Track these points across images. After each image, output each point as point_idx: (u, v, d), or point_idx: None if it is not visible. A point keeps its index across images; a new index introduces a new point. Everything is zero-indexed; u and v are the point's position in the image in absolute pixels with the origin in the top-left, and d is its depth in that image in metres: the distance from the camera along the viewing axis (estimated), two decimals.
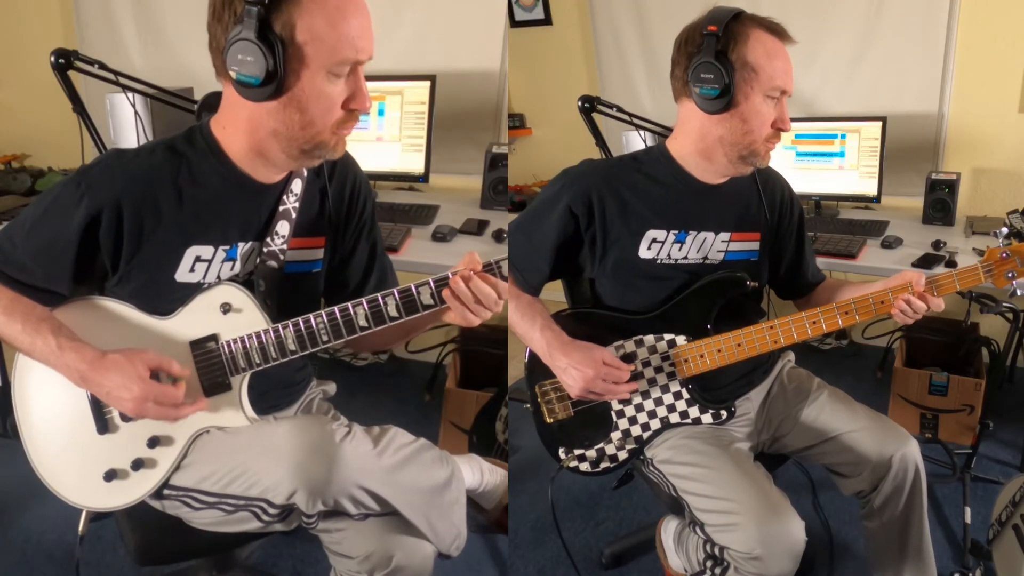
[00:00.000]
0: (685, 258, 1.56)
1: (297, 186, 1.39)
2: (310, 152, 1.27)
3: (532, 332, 1.52)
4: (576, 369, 1.47)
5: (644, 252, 1.53)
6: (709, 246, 1.57)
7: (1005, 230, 1.45)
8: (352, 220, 1.48)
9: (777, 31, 1.45)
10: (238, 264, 1.35)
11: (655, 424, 1.56)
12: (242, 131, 1.28)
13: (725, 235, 1.57)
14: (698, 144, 1.51)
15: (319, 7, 1.17)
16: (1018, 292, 1.44)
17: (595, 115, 2.28)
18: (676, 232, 1.54)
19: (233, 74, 1.18)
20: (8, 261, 1.30)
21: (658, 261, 1.54)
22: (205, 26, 1.23)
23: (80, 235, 1.25)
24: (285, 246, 1.38)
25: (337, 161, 1.44)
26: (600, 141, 2.40)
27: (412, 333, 1.49)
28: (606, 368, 1.47)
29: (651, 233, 1.53)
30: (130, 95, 2.02)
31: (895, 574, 1.63)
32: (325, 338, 1.29)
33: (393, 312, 1.27)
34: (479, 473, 1.74)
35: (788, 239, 1.67)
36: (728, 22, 1.42)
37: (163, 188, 1.28)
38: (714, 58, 1.41)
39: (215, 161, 1.31)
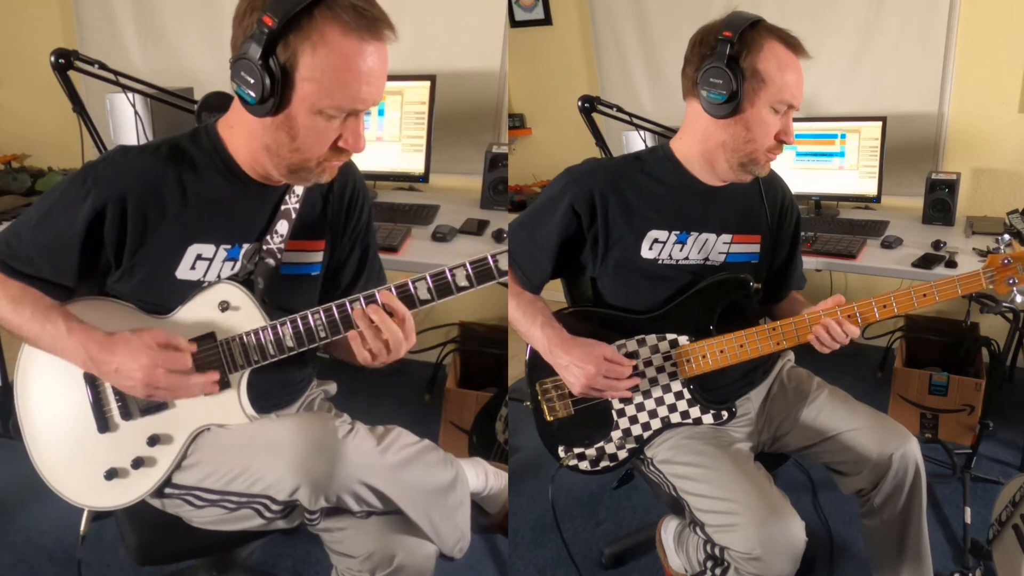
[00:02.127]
0: (686, 259, 1.56)
1: (299, 188, 1.39)
2: (297, 173, 1.28)
3: (533, 330, 1.52)
4: (577, 366, 1.47)
5: (646, 252, 1.53)
6: (711, 247, 1.57)
7: (1007, 237, 1.45)
8: (350, 224, 1.49)
9: (793, 44, 1.44)
10: (239, 264, 1.36)
11: (656, 424, 1.56)
12: (244, 135, 1.29)
13: (727, 237, 1.57)
14: (702, 146, 1.52)
15: (327, 51, 1.16)
16: (1019, 299, 1.43)
17: (595, 115, 2.28)
18: (678, 233, 1.54)
19: (234, 86, 1.19)
20: (15, 255, 1.31)
21: (660, 261, 1.54)
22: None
23: (85, 229, 1.26)
24: (283, 245, 1.38)
25: None
26: (600, 141, 2.40)
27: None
28: (607, 364, 1.47)
29: (653, 233, 1.53)
30: (130, 95, 2.03)
31: (893, 572, 1.64)
32: (323, 335, 1.29)
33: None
34: (484, 477, 1.74)
35: (783, 243, 1.68)
36: (744, 29, 1.41)
37: (167, 185, 1.29)
38: (725, 64, 1.40)
39: (219, 161, 1.32)
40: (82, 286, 1.34)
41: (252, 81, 1.16)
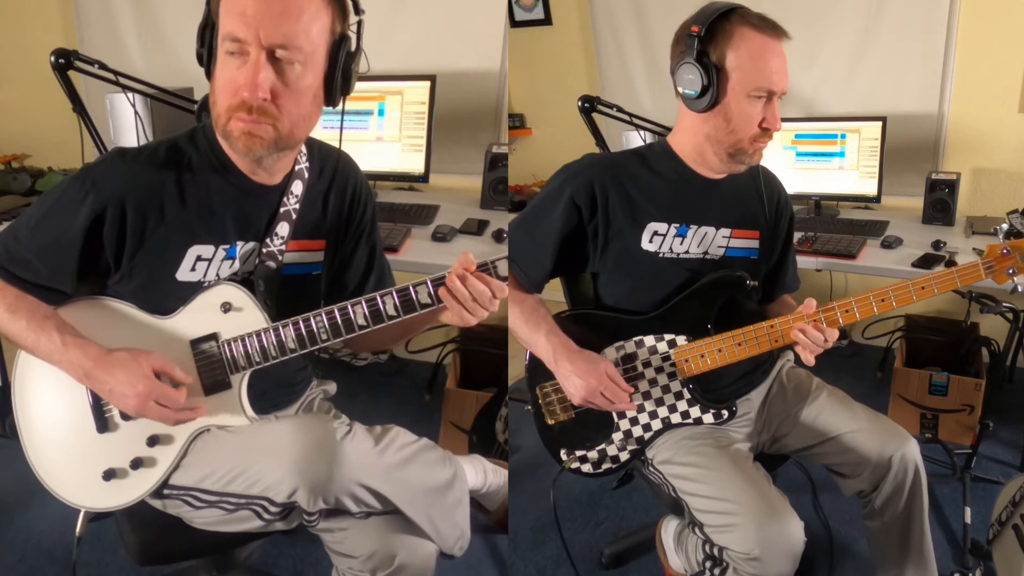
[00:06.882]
0: (687, 252, 1.55)
1: (297, 188, 1.39)
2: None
3: (537, 337, 1.51)
4: (579, 378, 1.47)
5: (646, 244, 1.53)
6: (710, 241, 1.56)
7: (1005, 226, 1.45)
8: (352, 224, 1.48)
9: (767, 28, 1.42)
10: (237, 263, 1.35)
11: (656, 425, 1.56)
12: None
13: (726, 231, 1.57)
14: (692, 140, 1.53)
15: None
16: (1019, 288, 1.43)
17: (595, 115, 2.28)
18: (678, 226, 1.54)
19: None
20: (13, 259, 1.30)
21: (660, 255, 1.54)
22: None
23: (84, 233, 1.26)
24: (284, 247, 1.38)
25: (339, 165, 1.44)
26: (600, 141, 2.40)
27: (410, 333, 1.49)
28: (608, 382, 1.47)
29: (652, 226, 1.53)
30: (130, 95, 2.03)
31: (898, 573, 1.63)
32: (324, 337, 1.29)
33: (391, 311, 1.27)
34: (483, 474, 1.74)
35: (777, 242, 1.68)
36: (714, 20, 1.41)
37: (166, 187, 1.29)
38: (695, 59, 1.41)
39: (216, 162, 1.32)
40: (81, 287, 1.34)
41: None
